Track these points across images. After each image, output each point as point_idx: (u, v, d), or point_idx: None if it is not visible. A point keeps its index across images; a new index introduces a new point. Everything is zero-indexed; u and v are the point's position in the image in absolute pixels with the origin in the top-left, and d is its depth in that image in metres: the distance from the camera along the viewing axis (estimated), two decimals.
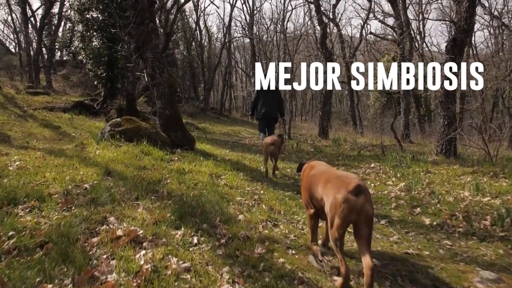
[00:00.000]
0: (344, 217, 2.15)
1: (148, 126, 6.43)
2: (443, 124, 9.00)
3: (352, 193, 2.15)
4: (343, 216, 2.15)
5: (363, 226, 2.17)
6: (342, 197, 2.16)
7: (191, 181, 4.23)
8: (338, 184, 2.27)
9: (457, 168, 6.85)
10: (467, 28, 8.75)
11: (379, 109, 29.87)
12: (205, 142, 8.83)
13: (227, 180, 4.62)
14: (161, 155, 5.55)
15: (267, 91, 8.09)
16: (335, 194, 2.23)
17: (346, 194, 2.16)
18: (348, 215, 2.15)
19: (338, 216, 2.16)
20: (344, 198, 2.15)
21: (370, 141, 14.66)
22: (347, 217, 2.15)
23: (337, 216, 2.17)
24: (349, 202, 2.14)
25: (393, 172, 6.58)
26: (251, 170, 5.65)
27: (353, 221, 2.19)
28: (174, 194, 3.57)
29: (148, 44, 6.46)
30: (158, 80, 6.63)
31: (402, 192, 5.17)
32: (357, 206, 2.14)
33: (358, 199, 2.14)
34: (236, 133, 16.05)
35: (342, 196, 2.16)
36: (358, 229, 2.19)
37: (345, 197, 2.15)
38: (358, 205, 2.14)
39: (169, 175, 4.33)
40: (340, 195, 2.18)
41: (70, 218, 2.60)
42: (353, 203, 2.13)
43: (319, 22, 14.89)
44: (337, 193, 2.21)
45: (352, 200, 2.14)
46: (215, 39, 37.09)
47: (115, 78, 15.46)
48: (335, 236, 2.19)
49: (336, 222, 2.18)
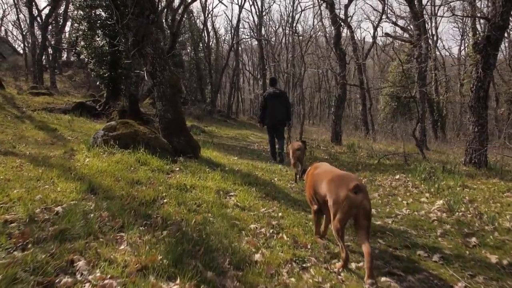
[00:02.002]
0: (345, 211, 2.43)
1: (147, 130, 5.67)
2: (473, 131, 8.14)
3: (352, 191, 2.41)
4: (344, 211, 2.43)
5: (362, 219, 2.42)
6: (344, 195, 2.43)
7: (193, 200, 3.45)
8: (340, 182, 2.54)
9: (498, 183, 6.01)
10: (503, 25, 7.91)
11: (389, 113, 28.98)
12: (212, 148, 8.07)
13: (237, 198, 3.82)
14: (160, 165, 4.78)
15: (275, 97, 7.94)
16: (338, 192, 2.49)
17: (347, 192, 2.42)
18: (349, 210, 2.42)
19: (340, 210, 2.44)
20: (346, 195, 2.42)
21: (386, 148, 13.80)
22: (348, 212, 2.43)
23: (339, 211, 2.45)
24: (350, 199, 2.41)
25: (425, 186, 5.75)
26: (264, 184, 4.85)
27: (353, 215, 2.45)
28: (170, 221, 2.79)
29: (148, 38, 5.72)
30: (159, 79, 5.89)
31: (443, 213, 4.34)
32: (357, 202, 2.40)
33: (358, 196, 2.41)
34: (244, 137, 15.27)
35: (344, 194, 2.43)
36: (358, 221, 2.45)
37: (346, 195, 2.42)
38: (357, 202, 2.40)
39: (166, 192, 3.55)
40: (342, 192, 2.45)
41: (18, 266, 1.82)
42: (353, 200, 2.40)
43: (333, 22, 14.09)
44: (339, 190, 2.48)
45: (353, 197, 2.40)
46: (222, 41, 36.48)
47: (118, 78, 14.81)
48: (337, 227, 2.47)
49: (338, 216, 2.46)
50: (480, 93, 8.02)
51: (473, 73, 8.20)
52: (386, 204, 4.84)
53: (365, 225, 2.42)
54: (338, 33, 13.75)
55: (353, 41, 22.03)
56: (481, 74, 7.85)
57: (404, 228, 3.80)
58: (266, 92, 8.30)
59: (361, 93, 22.75)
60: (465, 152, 8.40)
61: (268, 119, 7.94)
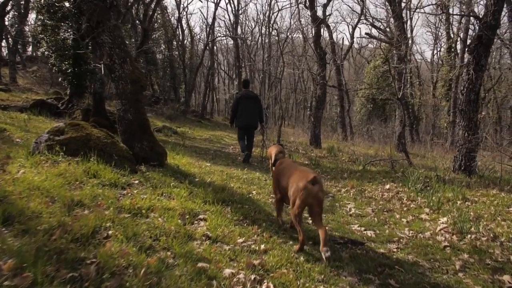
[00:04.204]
0: (303, 199, 2.82)
1: (102, 134, 4.75)
2: (463, 136, 7.65)
3: (310, 182, 2.80)
4: (302, 199, 2.82)
5: (316, 207, 2.84)
6: (303, 185, 2.82)
7: (149, 231, 2.60)
8: (300, 175, 2.94)
9: (498, 195, 5.46)
10: (494, 24, 7.46)
11: (365, 116, 28.84)
12: (182, 153, 7.18)
13: (208, 224, 3.00)
14: (115, 177, 3.89)
15: (249, 99, 7.95)
16: (297, 183, 2.89)
17: (306, 183, 2.81)
18: (306, 198, 2.82)
19: (299, 198, 2.83)
20: (304, 185, 2.81)
21: (366, 151, 13.28)
22: (305, 200, 2.82)
23: (298, 199, 2.84)
24: (307, 189, 2.80)
25: (422, 199, 5.12)
26: (241, 201, 4.06)
27: (309, 204, 2.85)
28: (109, 272, 1.95)
29: (104, 24, 4.81)
30: (117, 73, 4.98)
31: (453, 236, 3.69)
32: (313, 192, 2.80)
33: (314, 187, 2.80)
34: (219, 139, 14.41)
35: (303, 184, 2.83)
36: (312, 209, 2.87)
37: (305, 185, 2.81)
38: (314, 192, 2.80)
39: (114, 219, 2.67)
40: (302, 183, 2.84)
41: None
42: (311, 190, 2.80)
43: (313, 19, 13.46)
44: (299, 182, 2.88)
45: (310, 187, 2.80)
46: (198, 40, 35.35)
47: (83, 75, 13.60)
48: (295, 213, 2.86)
49: (297, 203, 2.84)
50: (471, 96, 7.54)
51: (464, 75, 7.72)
52: (383, 223, 4.15)
53: (318, 212, 2.85)
54: (318, 31, 13.14)
55: (332, 41, 21.61)
56: (473, 75, 7.37)
57: (413, 258, 3.10)
58: (239, 93, 8.37)
59: (339, 95, 22.36)
60: (454, 158, 7.92)
61: (240, 121, 7.93)
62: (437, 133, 28.08)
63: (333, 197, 5.43)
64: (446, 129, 24.36)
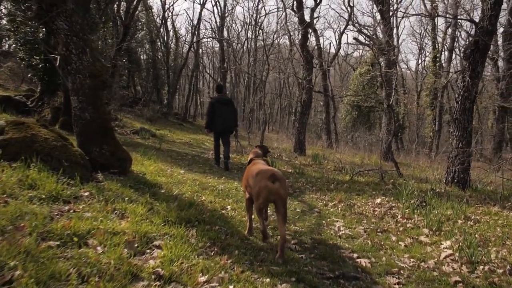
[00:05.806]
0: (265, 196, 2.97)
1: (52, 136, 4.02)
2: (457, 147, 7.19)
3: (269, 180, 2.96)
4: (263, 196, 2.97)
5: (279, 205, 2.97)
6: (264, 183, 2.97)
7: (76, 270, 1.92)
8: (263, 174, 3.07)
9: (501, 213, 4.96)
10: (491, 30, 7.05)
11: (350, 123, 28.56)
12: (154, 158, 6.46)
13: (162, 255, 2.33)
14: (58, 188, 3.17)
15: (223, 104, 7.90)
16: (260, 181, 3.03)
17: (266, 181, 2.97)
18: (268, 195, 2.96)
19: (260, 195, 2.99)
20: (265, 183, 2.97)
21: (351, 159, 12.78)
22: (267, 197, 2.98)
23: (260, 196, 2.99)
24: (268, 187, 2.95)
25: (420, 218, 4.56)
26: (211, 221, 3.40)
27: (272, 201, 3.02)
28: None
29: (58, 7, 4.10)
30: (74, 66, 4.27)
31: (462, 266, 3.12)
32: (274, 189, 2.94)
33: (275, 184, 2.95)
34: (199, 143, 13.69)
35: (264, 182, 2.98)
36: (276, 207, 3.03)
37: (265, 183, 2.96)
38: (274, 189, 2.94)
39: (28, 253, 1.97)
40: (263, 181, 2.99)
41: None
42: (271, 187, 2.94)
43: (300, 21, 12.96)
44: (261, 180, 3.02)
45: (270, 185, 2.95)
46: (183, 42, 34.48)
47: (55, 71, 12.71)
48: (258, 209, 3.06)
49: (259, 200, 3.01)
50: (466, 104, 7.10)
51: (459, 82, 7.27)
52: (378, 247, 3.55)
53: (281, 212, 2.95)
54: (305, 33, 12.64)
55: (318, 45, 21.21)
56: (469, 83, 6.92)
57: None
58: (213, 98, 8.27)
59: (325, 100, 21.95)
60: (447, 170, 7.44)
61: (216, 126, 7.87)
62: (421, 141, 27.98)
63: (319, 212, 4.83)
64: (430, 138, 24.20)
